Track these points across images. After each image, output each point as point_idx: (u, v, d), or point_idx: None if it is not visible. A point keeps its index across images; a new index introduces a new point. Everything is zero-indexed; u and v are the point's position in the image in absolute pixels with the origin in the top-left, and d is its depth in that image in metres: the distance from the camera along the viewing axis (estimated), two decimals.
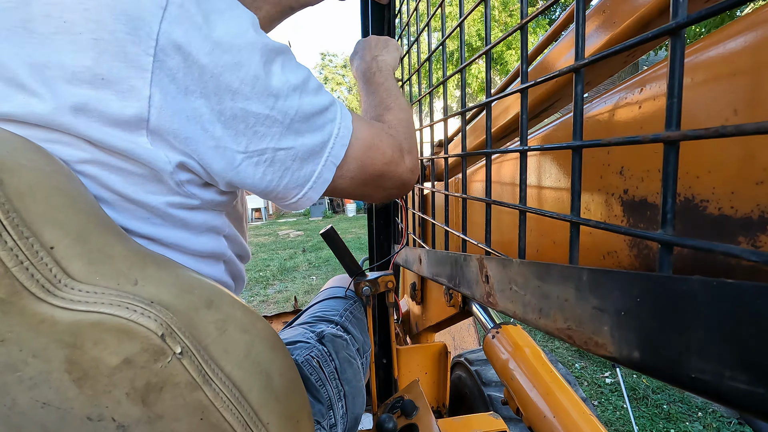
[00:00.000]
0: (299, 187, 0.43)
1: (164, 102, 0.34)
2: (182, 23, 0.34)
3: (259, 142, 0.39)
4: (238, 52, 0.37)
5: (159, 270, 0.34)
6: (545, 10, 0.30)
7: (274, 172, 0.41)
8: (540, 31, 7.57)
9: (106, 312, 0.29)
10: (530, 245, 0.48)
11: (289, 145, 0.41)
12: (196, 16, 0.35)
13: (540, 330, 0.26)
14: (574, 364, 2.77)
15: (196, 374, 0.32)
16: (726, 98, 0.25)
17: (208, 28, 0.36)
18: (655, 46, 0.39)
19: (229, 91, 0.36)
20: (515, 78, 0.76)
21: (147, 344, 0.30)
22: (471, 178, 0.72)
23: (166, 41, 0.34)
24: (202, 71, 0.35)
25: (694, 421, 2.15)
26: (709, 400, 0.16)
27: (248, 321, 0.39)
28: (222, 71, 0.36)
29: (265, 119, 0.39)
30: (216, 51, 0.36)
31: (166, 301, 0.32)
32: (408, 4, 0.76)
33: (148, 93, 0.34)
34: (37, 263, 0.27)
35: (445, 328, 1.23)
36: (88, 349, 0.29)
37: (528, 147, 0.32)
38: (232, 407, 0.35)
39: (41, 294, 0.27)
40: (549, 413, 0.57)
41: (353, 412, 0.72)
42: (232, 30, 0.37)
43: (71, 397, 0.29)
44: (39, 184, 0.29)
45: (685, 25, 0.18)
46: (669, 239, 0.19)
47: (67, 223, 0.29)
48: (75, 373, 0.29)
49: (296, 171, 0.42)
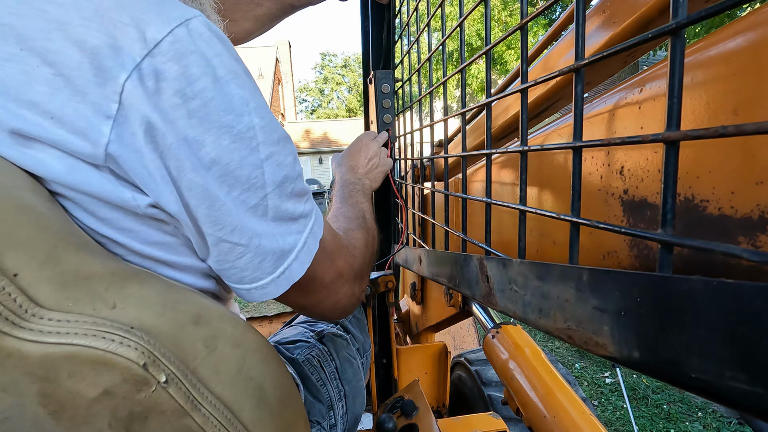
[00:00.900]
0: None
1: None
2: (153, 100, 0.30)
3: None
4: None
5: (141, 287, 0.31)
6: (545, 10, 0.30)
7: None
8: (540, 32, 7.57)
9: (80, 344, 0.27)
10: (530, 245, 0.48)
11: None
12: (173, 96, 0.30)
13: (540, 330, 0.26)
14: (574, 364, 2.77)
15: (183, 401, 0.31)
16: (726, 98, 0.25)
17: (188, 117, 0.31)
18: (655, 46, 0.39)
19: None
20: (515, 78, 0.76)
21: (128, 374, 0.28)
22: (471, 178, 0.72)
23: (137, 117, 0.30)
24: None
25: (694, 421, 2.15)
26: (709, 400, 0.16)
27: (239, 334, 0.37)
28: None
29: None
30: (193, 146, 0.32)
31: (148, 324, 0.30)
32: (408, 4, 0.76)
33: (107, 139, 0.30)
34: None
35: (445, 328, 1.23)
36: (62, 382, 0.27)
37: (528, 147, 0.32)
38: (223, 430, 0.33)
39: (6, 328, 0.25)
40: (549, 413, 0.57)
41: (353, 412, 0.72)
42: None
43: (48, 429, 0.28)
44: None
45: (685, 25, 0.18)
46: (669, 239, 0.19)
47: (33, 245, 0.26)
48: (50, 406, 0.27)
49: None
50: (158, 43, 0.30)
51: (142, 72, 0.29)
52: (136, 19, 0.29)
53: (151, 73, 0.29)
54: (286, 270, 0.39)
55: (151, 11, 0.30)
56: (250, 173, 0.35)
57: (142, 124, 0.30)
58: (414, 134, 0.80)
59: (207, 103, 0.32)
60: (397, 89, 0.91)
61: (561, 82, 0.56)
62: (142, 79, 0.29)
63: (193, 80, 0.31)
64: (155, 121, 0.30)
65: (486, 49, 0.38)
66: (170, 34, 0.30)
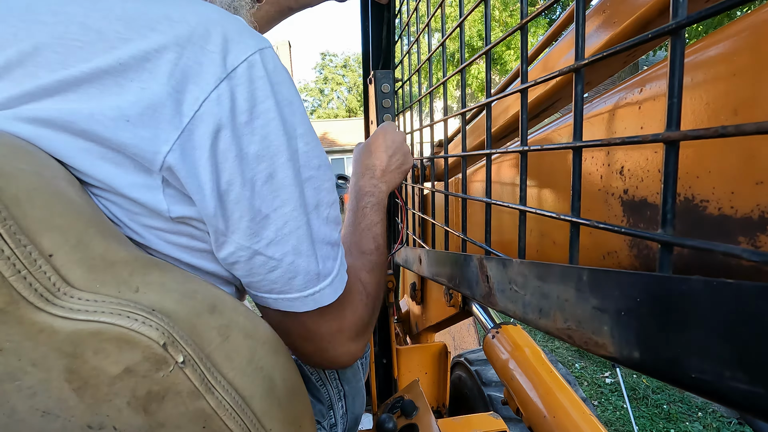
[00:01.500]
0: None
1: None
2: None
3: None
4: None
5: (162, 274, 0.33)
6: (545, 10, 0.30)
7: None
8: (540, 32, 7.57)
9: (107, 321, 0.28)
10: (530, 245, 0.48)
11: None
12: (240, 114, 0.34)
13: (540, 330, 0.26)
14: (574, 364, 2.77)
15: (198, 383, 0.32)
16: (726, 98, 0.25)
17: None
18: (655, 46, 0.39)
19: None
20: (515, 78, 0.76)
21: (148, 353, 0.30)
22: (471, 178, 0.72)
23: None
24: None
25: (694, 421, 2.15)
26: (709, 400, 0.16)
27: (251, 326, 0.38)
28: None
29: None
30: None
31: (168, 308, 0.31)
32: (408, 4, 0.76)
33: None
34: (35, 272, 0.27)
35: (445, 328, 1.23)
36: (88, 359, 0.28)
37: (528, 147, 0.32)
38: (234, 415, 0.34)
39: (40, 303, 0.27)
40: (549, 413, 0.57)
41: (353, 412, 0.72)
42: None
43: (72, 406, 0.29)
44: (38, 189, 0.28)
45: (685, 25, 0.18)
46: (669, 239, 0.19)
47: (67, 230, 0.29)
48: (75, 383, 0.28)
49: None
50: (235, 68, 0.33)
51: (220, 92, 0.33)
52: (220, 46, 0.33)
53: (227, 93, 0.33)
54: (317, 293, 0.41)
55: (234, 39, 0.34)
56: (299, 193, 0.38)
57: (208, 138, 0.33)
58: (414, 134, 0.80)
59: (268, 123, 0.35)
60: (397, 89, 0.91)
61: (561, 82, 0.56)
62: (219, 98, 0.33)
63: (258, 102, 0.35)
64: (222, 137, 0.33)
65: (486, 50, 0.38)
66: (245, 61, 0.34)
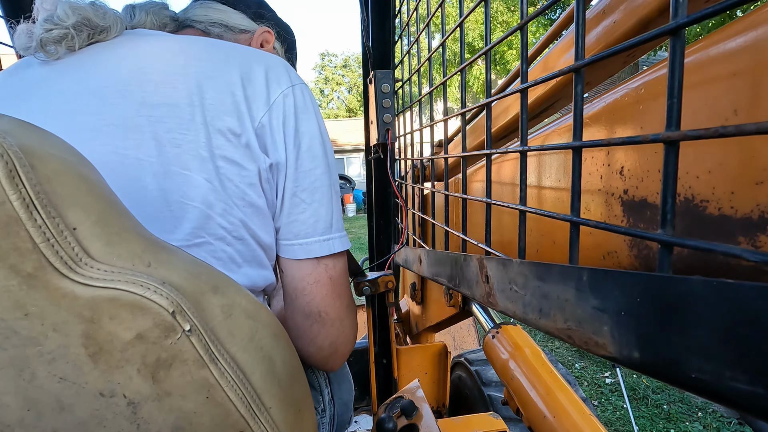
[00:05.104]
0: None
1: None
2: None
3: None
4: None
5: (170, 255, 0.36)
6: (545, 10, 0.30)
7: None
8: (540, 31, 7.56)
9: (122, 288, 0.31)
10: (530, 245, 0.48)
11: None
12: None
13: (540, 330, 0.26)
14: (574, 364, 2.77)
15: (203, 352, 0.34)
16: (726, 98, 0.25)
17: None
18: (655, 46, 0.39)
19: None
20: (515, 78, 0.76)
21: (159, 320, 0.32)
22: (471, 178, 0.72)
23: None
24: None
25: (694, 421, 2.15)
26: (709, 400, 0.16)
27: (253, 309, 0.40)
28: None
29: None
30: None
31: (176, 282, 0.34)
32: (408, 5, 0.76)
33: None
34: (61, 241, 0.29)
35: (445, 328, 1.23)
36: (104, 324, 0.31)
37: (528, 147, 0.32)
38: (236, 387, 0.36)
39: (64, 270, 0.29)
40: (549, 413, 0.57)
41: (340, 397, 0.77)
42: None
43: (86, 372, 0.31)
44: (65, 170, 0.31)
45: (685, 25, 0.18)
46: (669, 239, 0.19)
47: (89, 207, 0.32)
48: (91, 348, 0.31)
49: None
50: (293, 85, 0.57)
51: (285, 94, 0.56)
52: (286, 76, 0.57)
53: (290, 94, 0.56)
54: (332, 239, 0.58)
55: (290, 75, 0.58)
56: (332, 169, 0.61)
57: (281, 115, 0.55)
58: (414, 134, 0.80)
59: (316, 113, 0.59)
60: (397, 89, 0.91)
61: (561, 82, 0.56)
62: (285, 96, 0.56)
63: (305, 100, 0.58)
64: (289, 114, 0.55)
65: (486, 50, 0.38)
66: (300, 83, 0.58)
